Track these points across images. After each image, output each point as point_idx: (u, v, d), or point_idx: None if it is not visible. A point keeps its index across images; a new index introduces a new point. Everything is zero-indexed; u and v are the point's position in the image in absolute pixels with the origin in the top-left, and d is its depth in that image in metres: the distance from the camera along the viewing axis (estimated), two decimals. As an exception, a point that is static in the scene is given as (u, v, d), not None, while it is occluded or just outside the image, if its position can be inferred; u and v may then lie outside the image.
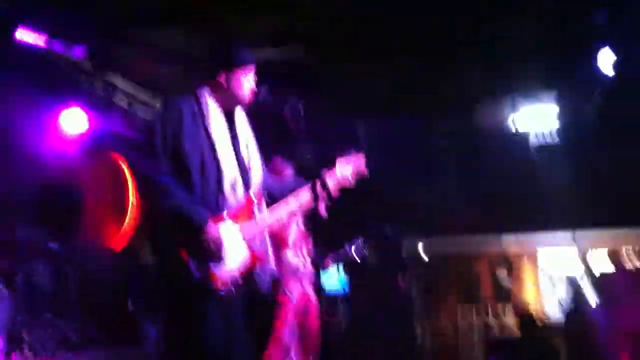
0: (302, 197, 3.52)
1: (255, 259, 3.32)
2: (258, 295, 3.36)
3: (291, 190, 3.55)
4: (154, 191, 3.18)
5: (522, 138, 11.46)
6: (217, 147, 3.31)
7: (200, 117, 3.33)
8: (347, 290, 8.78)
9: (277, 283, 3.99)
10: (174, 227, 3.14)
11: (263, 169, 3.57)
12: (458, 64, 8.62)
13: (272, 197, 3.55)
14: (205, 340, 3.12)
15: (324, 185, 3.33)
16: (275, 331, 5.25)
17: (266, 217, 3.43)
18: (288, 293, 5.28)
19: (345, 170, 3.65)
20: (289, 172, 5.35)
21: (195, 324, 3.13)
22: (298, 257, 5.41)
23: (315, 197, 3.22)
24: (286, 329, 5.22)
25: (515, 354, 7.94)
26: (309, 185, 3.50)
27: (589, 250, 12.63)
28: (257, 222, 3.36)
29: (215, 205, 3.24)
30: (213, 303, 3.14)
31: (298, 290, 5.36)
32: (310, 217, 3.19)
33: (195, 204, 3.17)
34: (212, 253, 3.13)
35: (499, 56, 8.74)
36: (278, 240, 5.35)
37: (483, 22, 7.73)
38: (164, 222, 3.20)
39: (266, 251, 3.41)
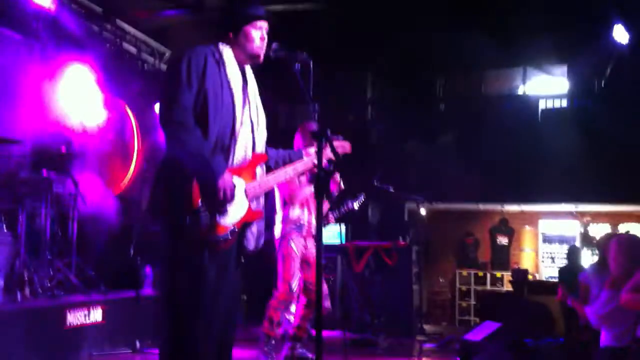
0: (300, 167, 3.60)
1: (252, 216, 3.36)
2: (244, 251, 3.40)
3: (284, 161, 3.62)
4: (174, 136, 3.16)
5: (530, 106, 11.44)
6: (235, 97, 3.32)
7: (222, 65, 3.33)
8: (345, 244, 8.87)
9: (268, 243, 4.01)
10: (188, 171, 3.14)
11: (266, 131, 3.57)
12: (471, 29, 8.54)
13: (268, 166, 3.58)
14: (199, 287, 3.18)
15: (331, 146, 3.32)
16: (280, 281, 5.40)
17: (267, 178, 3.46)
18: (293, 247, 5.40)
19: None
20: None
21: (192, 270, 3.18)
22: (303, 213, 5.53)
23: (317, 164, 3.21)
24: (291, 280, 5.34)
25: (507, 308, 7.99)
26: (307, 155, 3.62)
27: (590, 225, 12.69)
28: (258, 182, 3.39)
29: (226, 151, 3.26)
30: (211, 251, 3.19)
31: (302, 245, 5.49)
32: (314, 178, 3.17)
33: (213, 150, 3.19)
34: (224, 202, 3.16)
35: (512, 27, 8.68)
36: (286, 198, 5.51)
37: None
38: (179, 167, 3.17)
39: (261, 211, 3.43)
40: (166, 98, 3.20)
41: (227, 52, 3.38)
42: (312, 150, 3.63)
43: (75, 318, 5.68)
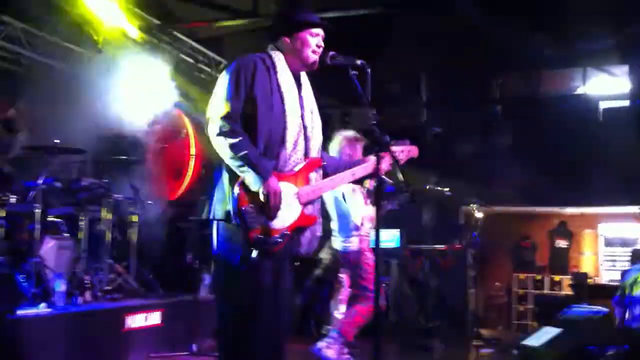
0: (358, 172, 3.54)
1: (306, 221, 3.37)
2: (298, 254, 3.43)
3: (347, 166, 3.59)
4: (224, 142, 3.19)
5: (590, 106, 11.17)
6: (287, 102, 3.33)
7: (274, 71, 3.36)
8: (401, 249, 8.82)
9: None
10: (237, 176, 3.18)
11: (322, 137, 3.58)
12: (528, 28, 8.41)
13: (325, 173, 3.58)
14: (257, 288, 3.21)
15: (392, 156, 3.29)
16: (342, 284, 5.49)
17: (322, 183, 3.46)
18: (370, 258, 5.48)
19: (401, 154, 3.61)
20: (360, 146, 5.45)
21: (248, 273, 3.20)
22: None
23: (374, 172, 3.20)
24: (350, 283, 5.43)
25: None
26: (369, 162, 3.52)
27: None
28: (313, 187, 3.39)
29: (276, 158, 3.29)
30: (263, 254, 3.20)
31: (363, 249, 5.55)
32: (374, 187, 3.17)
33: (261, 156, 3.22)
34: (270, 206, 3.18)
35: (572, 27, 8.49)
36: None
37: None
38: (227, 170, 3.24)
39: (316, 216, 3.43)
40: (214, 106, 3.25)
41: (279, 58, 3.40)
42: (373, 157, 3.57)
43: (133, 321, 5.79)
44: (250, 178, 3.16)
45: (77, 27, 7.17)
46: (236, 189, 3.16)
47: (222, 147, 3.20)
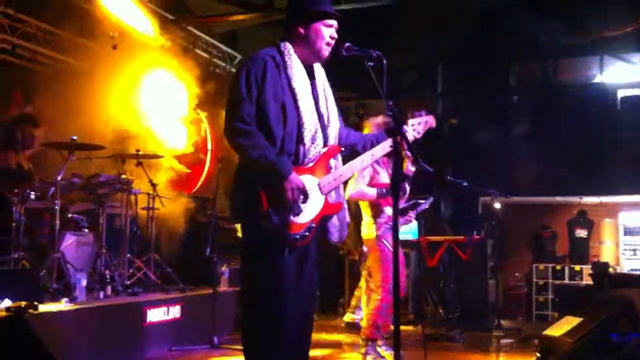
0: (377, 152, 3.54)
1: (330, 209, 3.38)
2: (329, 243, 3.46)
3: (372, 144, 3.59)
4: (242, 141, 3.22)
5: (608, 94, 11.06)
6: (299, 98, 3.34)
7: (283, 68, 3.36)
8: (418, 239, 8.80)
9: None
10: (257, 176, 3.21)
11: (340, 123, 3.59)
12: (545, 17, 8.33)
13: (352, 150, 3.59)
14: (281, 282, 3.24)
15: (406, 141, 3.28)
16: (382, 283, 5.43)
17: (342, 169, 3.45)
18: (389, 247, 5.41)
19: (418, 127, 3.63)
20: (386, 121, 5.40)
21: (272, 268, 3.24)
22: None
23: (395, 153, 3.18)
24: (390, 282, 5.31)
25: (588, 302, 7.76)
26: (386, 141, 3.51)
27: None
28: (333, 175, 3.39)
29: (294, 154, 3.31)
30: (289, 248, 3.23)
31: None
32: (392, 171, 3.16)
33: (278, 154, 3.24)
34: (293, 202, 3.20)
35: (588, 15, 8.41)
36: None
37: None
38: (248, 171, 3.27)
39: (340, 202, 3.44)
40: (228, 109, 3.30)
41: (290, 51, 3.40)
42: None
43: (154, 315, 5.83)
44: (271, 176, 3.19)
45: (93, 24, 7.21)
46: (259, 189, 3.18)
47: (240, 148, 3.24)
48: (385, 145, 3.52)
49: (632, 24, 8.82)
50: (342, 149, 3.53)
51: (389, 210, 5.46)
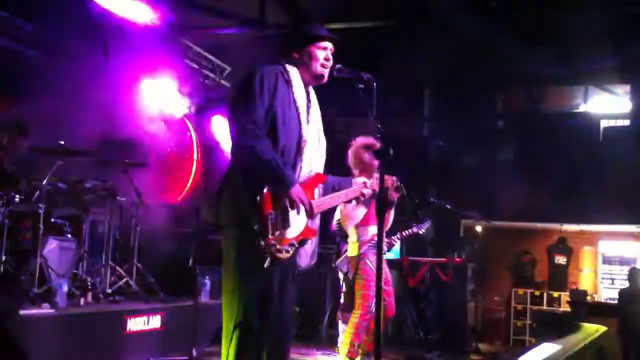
0: (350, 194, 3.64)
1: (309, 233, 3.39)
2: (298, 268, 3.46)
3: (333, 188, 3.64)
4: (249, 147, 3.18)
5: (591, 124, 11.22)
6: (301, 117, 3.38)
7: (291, 85, 3.39)
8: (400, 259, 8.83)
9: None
10: (262, 179, 3.17)
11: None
12: (531, 46, 8.46)
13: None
14: (265, 296, 3.22)
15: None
16: (362, 302, 5.42)
17: (323, 200, 3.49)
18: (371, 267, 5.40)
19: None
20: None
21: (258, 280, 3.19)
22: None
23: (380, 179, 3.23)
24: (371, 301, 5.33)
25: (562, 329, 7.81)
26: (356, 185, 3.66)
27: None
28: (317, 202, 3.42)
29: (293, 167, 3.33)
30: (273, 261, 3.18)
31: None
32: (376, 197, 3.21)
33: (284, 164, 3.24)
34: (297, 210, 3.21)
35: (574, 45, 8.54)
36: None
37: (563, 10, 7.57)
38: (249, 176, 3.22)
39: (316, 230, 3.45)
40: (239, 109, 3.25)
41: (294, 72, 3.43)
42: (361, 179, 3.73)
43: (134, 324, 5.81)
44: (277, 182, 3.17)
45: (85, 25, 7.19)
46: (263, 194, 3.13)
47: (248, 149, 3.17)
48: (357, 190, 3.64)
49: (616, 57, 8.98)
50: (326, 179, 3.55)
51: (372, 230, 5.50)
